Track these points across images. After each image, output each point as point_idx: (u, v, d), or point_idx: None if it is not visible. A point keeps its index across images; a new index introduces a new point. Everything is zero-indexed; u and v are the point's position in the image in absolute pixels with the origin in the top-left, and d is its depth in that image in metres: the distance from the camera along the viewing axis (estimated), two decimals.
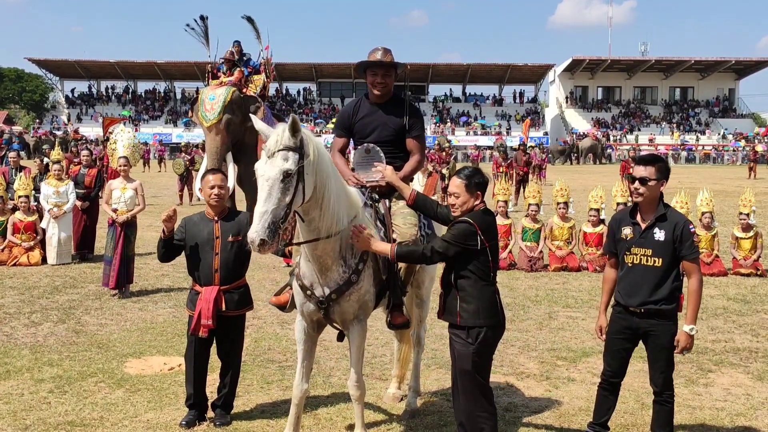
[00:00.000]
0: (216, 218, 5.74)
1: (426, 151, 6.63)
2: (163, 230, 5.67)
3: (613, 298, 5.24)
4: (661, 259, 4.91)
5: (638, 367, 6.48)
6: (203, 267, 5.71)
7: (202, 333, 5.65)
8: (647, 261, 4.94)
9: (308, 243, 4.75)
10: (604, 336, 5.25)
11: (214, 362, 6.05)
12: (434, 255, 4.79)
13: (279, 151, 4.38)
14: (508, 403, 6.27)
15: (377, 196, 5.38)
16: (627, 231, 5.07)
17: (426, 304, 6.18)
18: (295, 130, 4.40)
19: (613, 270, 5.27)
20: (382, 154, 5.39)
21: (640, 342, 5.16)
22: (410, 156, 5.68)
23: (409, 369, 6.32)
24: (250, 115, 4.84)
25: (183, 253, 5.83)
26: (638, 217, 5.05)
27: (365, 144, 5.49)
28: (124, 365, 7.19)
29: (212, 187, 5.74)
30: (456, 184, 4.82)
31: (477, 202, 4.83)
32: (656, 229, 4.93)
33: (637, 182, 4.98)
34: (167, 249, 5.76)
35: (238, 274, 5.85)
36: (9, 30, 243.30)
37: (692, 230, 4.94)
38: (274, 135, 4.43)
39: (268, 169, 4.36)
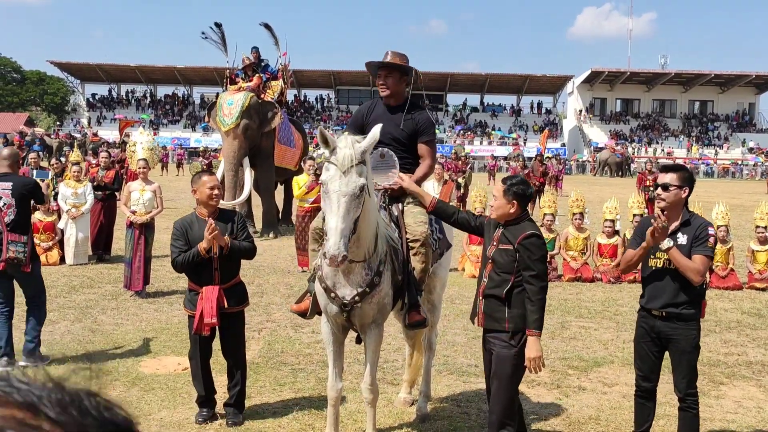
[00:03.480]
0: (209, 217, 5.78)
1: (443, 160, 6.67)
2: (204, 249, 5.66)
3: (638, 304, 5.29)
4: None
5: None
6: (203, 267, 5.75)
7: (205, 332, 5.74)
8: (671, 264, 4.98)
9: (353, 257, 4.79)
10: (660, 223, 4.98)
11: (222, 365, 6.13)
12: (544, 283, 4.75)
13: (354, 166, 4.45)
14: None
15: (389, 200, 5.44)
16: None
17: (438, 309, 6.22)
18: (367, 145, 4.57)
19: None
20: (396, 158, 5.43)
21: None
22: (421, 161, 5.75)
23: (421, 374, 6.36)
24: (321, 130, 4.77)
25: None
26: None
27: (380, 148, 5.55)
28: (139, 364, 7.29)
29: (212, 188, 5.81)
30: (497, 188, 4.92)
31: (512, 210, 4.85)
32: (680, 234, 5.00)
33: (659, 188, 5.08)
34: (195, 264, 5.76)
35: (235, 272, 5.96)
36: (32, 33, 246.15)
37: (711, 232, 5.00)
38: (346, 150, 4.47)
39: (344, 186, 4.41)
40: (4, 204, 7.11)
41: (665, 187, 5.03)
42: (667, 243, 4.88)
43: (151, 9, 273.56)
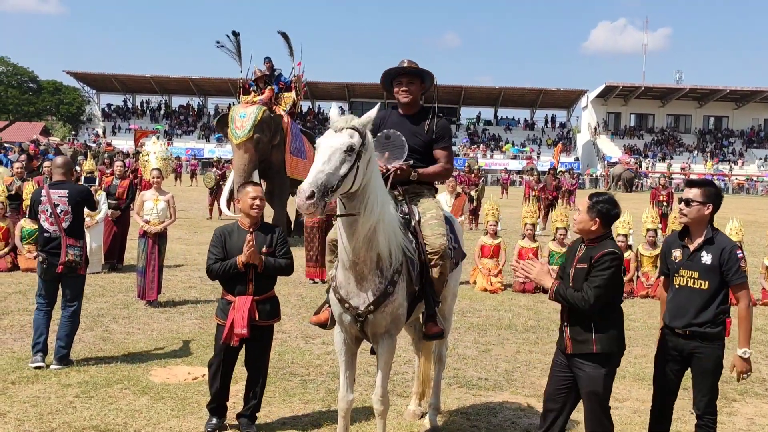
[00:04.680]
0: (251, 229, 5.83)
1: (456, 173, 6.68)
2: (242, 263, 5.68)
3: (661, 320, 5.25)
4: (707, 282, 4.91)
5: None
6: (238, 277, 5.77)
7: (234, 342, 5.73)
8: (694, 283, 4.95)
9: (346, 216, 4.78)
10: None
11: (237, 373, 6.13)
12: (595, 298, 4.62)
13: (347, 128, 4.63)
14: (528, 424, 6.28)
15: (402, 197, 5.50)
16: (676, 253, 5.10)
17: (448, 321, 6.21)
18: (367, 119, 4.76)
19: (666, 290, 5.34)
20: (403, 139, 5.46)
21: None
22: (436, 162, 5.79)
23: (430, 386, 6.35)
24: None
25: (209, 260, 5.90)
26: (687, 240, 5.08)
27: (386, 131, 5.56)
28: (149, 373, 7.30)
29: (254, 198, 5.87)
30: (582, 202, 4.90)
31: (593, 227, 4.77)
32: (703, 252, 4.95)
33: (682, 203, 5.05)
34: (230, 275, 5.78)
35: (270, 285, 5.95)
36: (49, 43, 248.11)
37: (740, 255, 4.93)
38: (344, 117, 4.72)
39: (333, 139, 4.59)
40: (62, 211, 7.47)
41: (687, 203, 5.00)
42: (745, 353, 4.86)
43: (167, 20, 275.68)
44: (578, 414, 6.47)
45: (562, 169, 38.25)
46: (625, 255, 12.66)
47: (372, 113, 4.83)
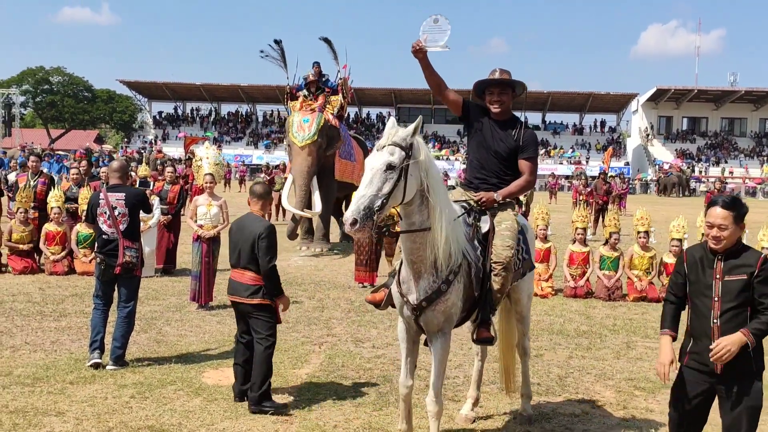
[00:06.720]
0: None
1: None
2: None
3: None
4: None
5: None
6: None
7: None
8: None
9: (407, 233, 4.97)
10: None
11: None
12: None
13: (387, 146, 4.75)
14: (583, 430, 6.17)
15: (477, 214, 5.58)
16: None
17: (527, 319, 6.36)
18: (407, 133, 4.82)
19: None
20: (449, 24, 5.48)
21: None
22: (520, 175, 5.84)
23: (485, 391, 6.33)
24: None
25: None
26: None
27: (434, 15, 5.57)
28: (202, 375, 7.38)
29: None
30: (722, 216, 4.39)
31: (739, 235, 4.48)
32: None
33: None
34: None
35: None
36: (102, 52, 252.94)
37: None
38: (388, 132, 4.84)
39: (373, 160, 4.73)
40: (119, 213, 7.66)
41: None
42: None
43: (216, 29, 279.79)
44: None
45: (612, 174, 37.75)
46: None
47: (417, 123, 4.90)
